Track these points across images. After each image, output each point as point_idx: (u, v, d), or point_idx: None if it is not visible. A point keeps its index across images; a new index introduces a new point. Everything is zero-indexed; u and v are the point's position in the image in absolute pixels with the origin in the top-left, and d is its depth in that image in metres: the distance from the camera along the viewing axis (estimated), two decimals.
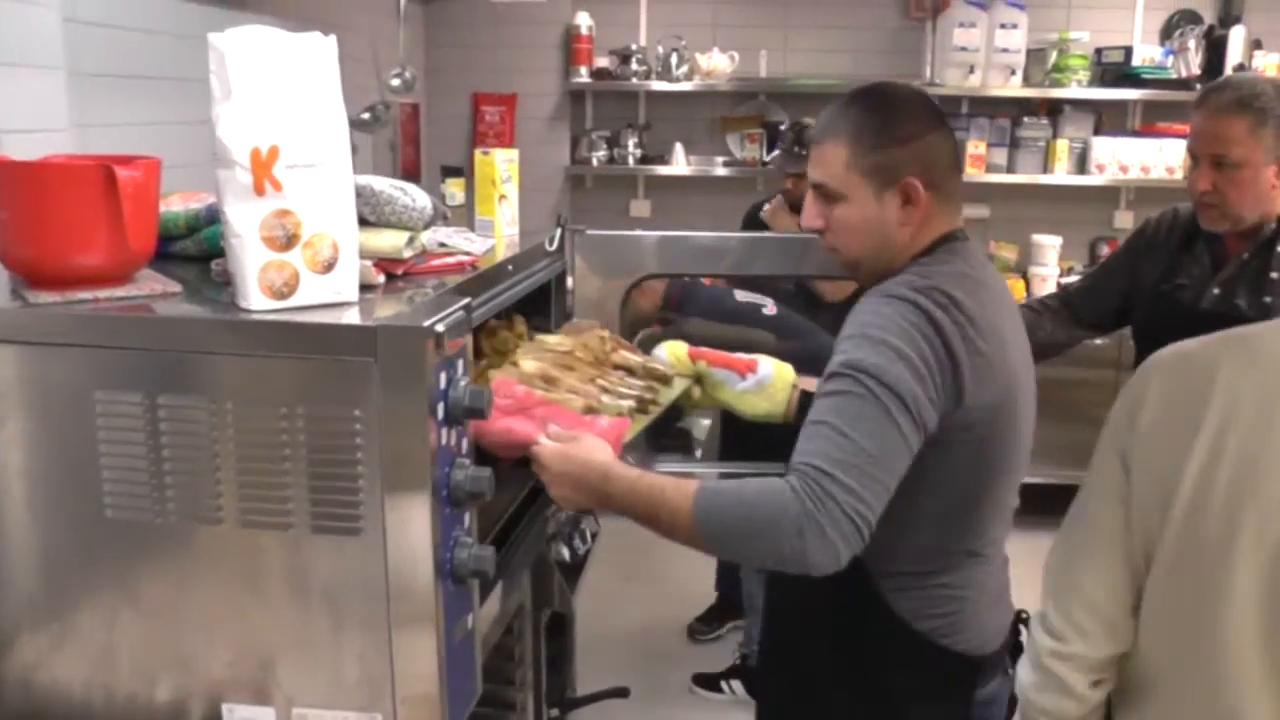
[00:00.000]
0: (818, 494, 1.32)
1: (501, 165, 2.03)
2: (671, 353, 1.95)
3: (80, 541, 1.37)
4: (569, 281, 2.15)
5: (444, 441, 1.29)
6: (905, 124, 1.53)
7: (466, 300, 1.37)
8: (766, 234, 3.30)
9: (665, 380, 1.88)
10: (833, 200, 1.57)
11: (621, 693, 2.87)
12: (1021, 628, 1.72)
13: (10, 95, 1.82)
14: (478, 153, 2.04)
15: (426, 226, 1.59)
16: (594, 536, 2.80)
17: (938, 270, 1.52)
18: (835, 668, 1.63)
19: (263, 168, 1.27)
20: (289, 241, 1.29)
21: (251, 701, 1.37)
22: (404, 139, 4.41)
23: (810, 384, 1.90)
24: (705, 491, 1.41)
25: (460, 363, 1.33)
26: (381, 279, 1.51)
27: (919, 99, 1.59)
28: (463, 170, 2.49)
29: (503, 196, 2.04)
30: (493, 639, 2.03)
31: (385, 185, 1.55)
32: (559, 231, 2.06)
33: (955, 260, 1.55)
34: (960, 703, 1.62)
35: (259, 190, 1.27)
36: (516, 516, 2.02)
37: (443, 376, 1.27)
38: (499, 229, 2.03)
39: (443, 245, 1.74)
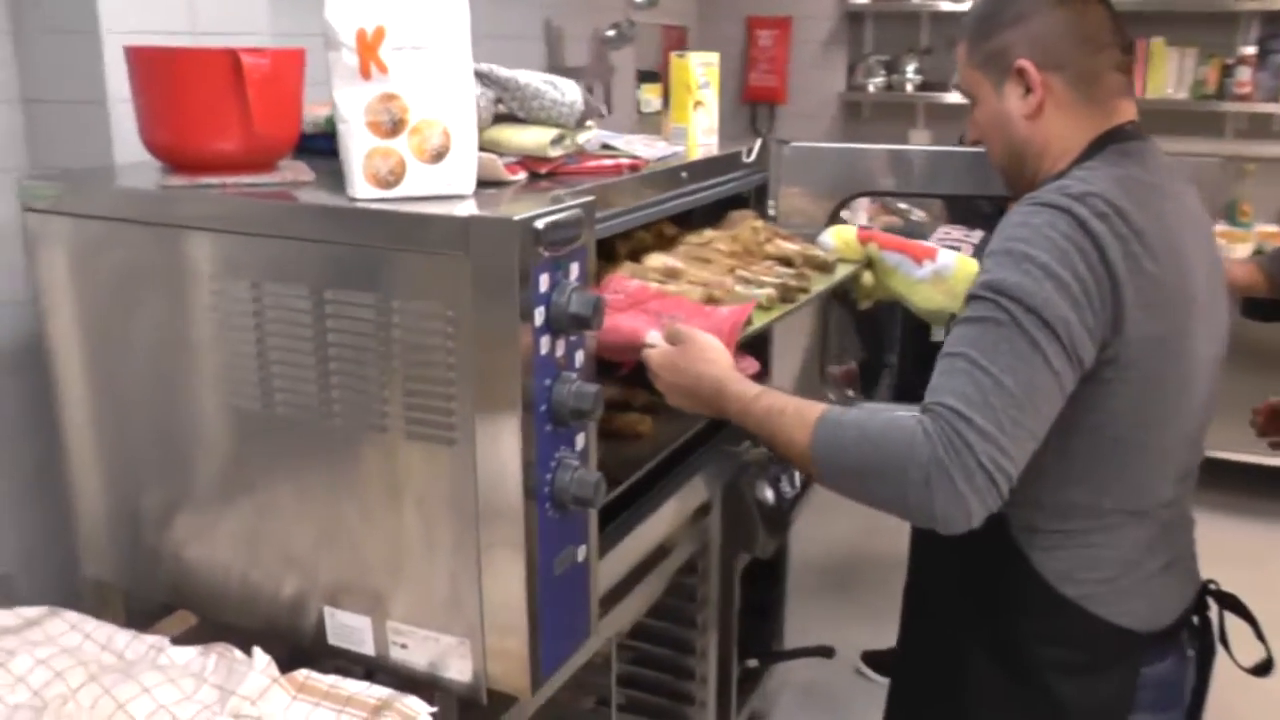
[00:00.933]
0: (951, 440, 1.14)
1: (698, 69, 1.87)
2: (838, 237, 1.82)
3: (202, 426, 1.37)
4: (771, 198, 1.96)
5: (544, 351, 1.17)
6: (1016, 3, 1.34)
7: (588, 199, 1.23)
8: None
9: (825, 268, 1.73)
10: (972, 104, 1.42)
11: (826, 652, 2.69)
12: (1209, 601, 1.44)
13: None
14: (673, 56, 1.89)
15: (580, 124, 1.46)
16: (808, 481, 2.61)
17: (1101, 174, 1.27)
18: (976, 632, 1.41)
19: (368, 49, 1.18)
20: (395, 127, 1.20)
21: (350, 608, 1.33)
22: (666, 63, 4.29)
23: None
24: (827, 422, 1.25)
25: (574, 266, 1.20)
26: (520, 176, 1.40)
27: None
28: (659, 75, 2.33)
29: (698, 103, 1.88)
30: (662, 578, 1.92)
31: (533, 78, 1.43)
32: (758, 143, 1.88)
33: (1126, 163, 1.30)
34: (1122, 683, 1.36)
35: (365, 73, 1.19)
36: (692, 445, 1.89)
37: (544, 279, 1.15)
38: (693, 137, 1.88)
39: (607, 147, 1.61)
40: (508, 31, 3.11)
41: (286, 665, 1.30)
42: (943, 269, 1.74)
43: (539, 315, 1.15)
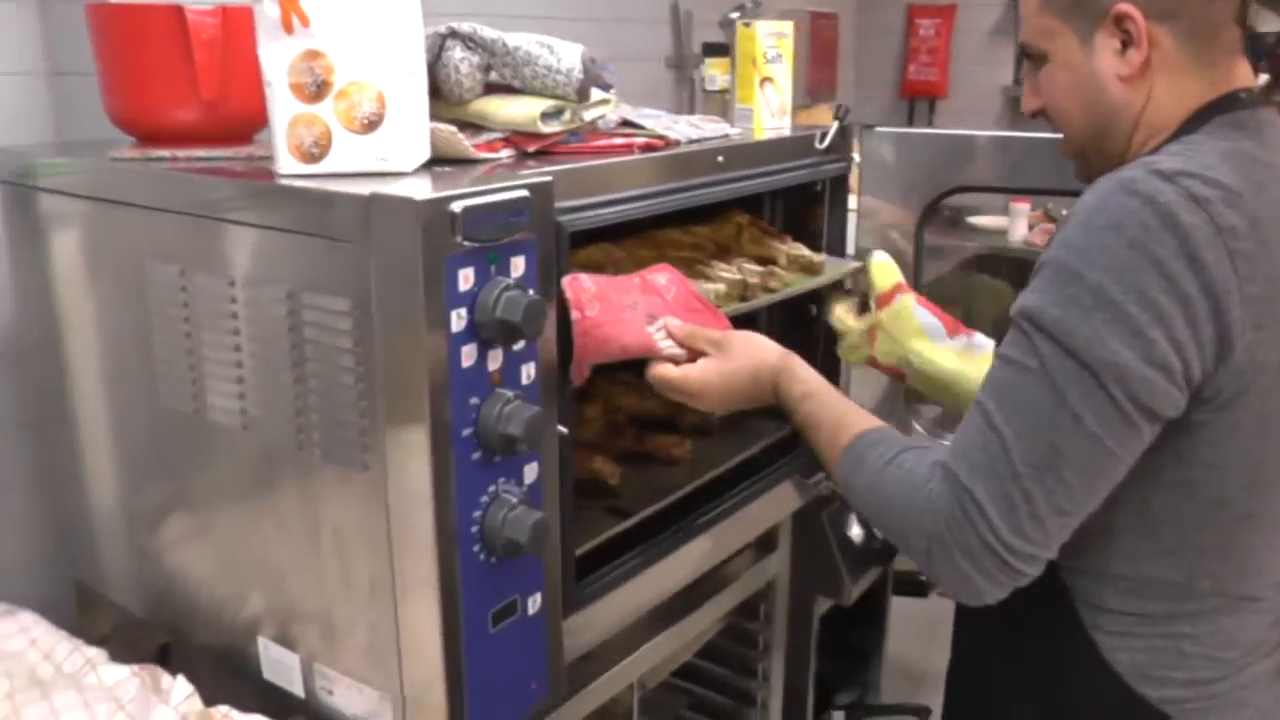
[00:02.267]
0: (954, 514, 0.97)
1: (765, 40, 1.63)
2: (879, 267, 1.49)
3: (146, 424, 1.24)
4: (851, 195, 1.70)
5: (468, 363, 0.96)
6: None
7: (541, 181, 1.02)
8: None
9: (812, 269, 1.49)
10: (1038, 64, 1.11)
11: (921, 712, 2.39)
12: None
13: None
14: (739, 24, 1.66)
15: (582, 96, 1.25)
16: None
17: (1205, 147, 0.98)
18: None
19: None
20: (318, 91, 1.02)
21: (281, 642, 1.16)
22: (815, 51, 4.02)
23: None
24: (850, 456, 1.12)
25: (517, 261, 0.99)
26: (499, 155, 1.21)
27: None
28: (727, 48, 2.08)
29: (766, 79, 1.64)
30: (708, 620, 1.69)
31: (525, 41, 1.23)
32: (834, 127, 1.62)
33: (1237, 136, 1.00)
34: None
35: (286, 26, 1.02)
36: (745, 469, 1.65)
37: (465, 275, 0.95)
38: (759, 119, 1.64)
39: (629, 124, 1.39)
40: (632, 15, 2.92)
41: (244, 698, 1.15)
42: (976, 344, 1.43)
43: (457, 319, 0.94)
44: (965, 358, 1.41)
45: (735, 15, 3.15)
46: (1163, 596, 1.04)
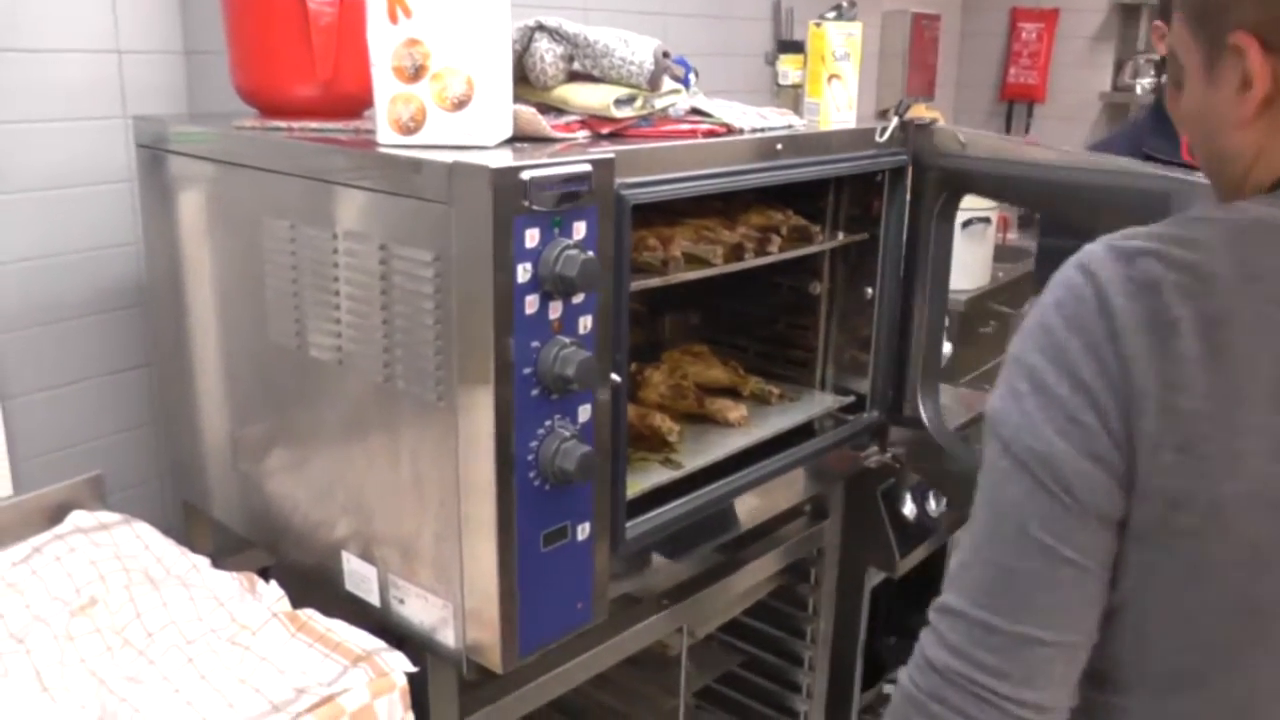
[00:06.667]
0: (920, 666, 0.86)
1: (835, 39, 1.74)
2: None
3: (255, 359, 1.41)
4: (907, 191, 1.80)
5: (530, 311, 1.11)
6: None
7: (605, 157, 1.16)
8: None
9: (808, 237, 1.65)
10: (1178, 85, 0.91)
11: None
12: None
13: None
14: (810, 24, 1.77)
15: (654, 86, 1.38)
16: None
17: (1225, 219, 0.83)
18: None
19: None
20: (416, 73, 1.18)
21: (360, 555, 1.32)
22: (916, 50, 4.08)
23: None
24: None
25: (579, 225, 1.14)
26: (575, 135, 1.35)
27: None
28: (803, 46, 2.19)
29: (834, 76, 1.75)
30: (756, 578, 1.81)
31: (605, 35, 1.37)
32: (894, 122, 1.72)
33: None
34: None
35: (392, 17, 1.17)
36: (797, 436, 1.76)
37: (531, 234, 1.09)
38: (825, 113, 1.75)
39: (698, 112, 1.52)
40: (739, 13, 3.03)
41: (327, 608, 1.30)
42: None
43: (522, 272, 1.09)
44: None
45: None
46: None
